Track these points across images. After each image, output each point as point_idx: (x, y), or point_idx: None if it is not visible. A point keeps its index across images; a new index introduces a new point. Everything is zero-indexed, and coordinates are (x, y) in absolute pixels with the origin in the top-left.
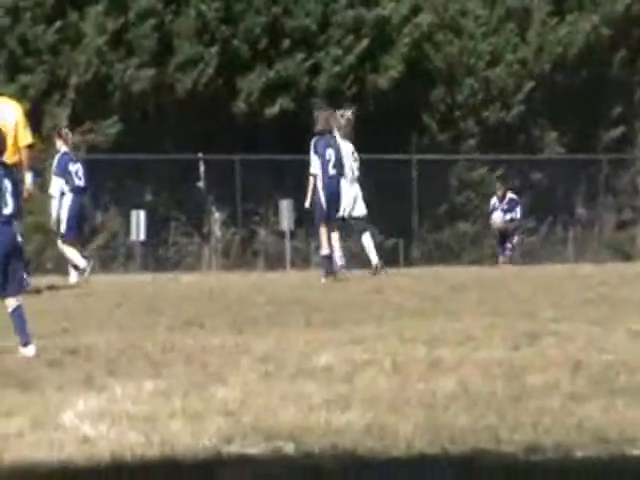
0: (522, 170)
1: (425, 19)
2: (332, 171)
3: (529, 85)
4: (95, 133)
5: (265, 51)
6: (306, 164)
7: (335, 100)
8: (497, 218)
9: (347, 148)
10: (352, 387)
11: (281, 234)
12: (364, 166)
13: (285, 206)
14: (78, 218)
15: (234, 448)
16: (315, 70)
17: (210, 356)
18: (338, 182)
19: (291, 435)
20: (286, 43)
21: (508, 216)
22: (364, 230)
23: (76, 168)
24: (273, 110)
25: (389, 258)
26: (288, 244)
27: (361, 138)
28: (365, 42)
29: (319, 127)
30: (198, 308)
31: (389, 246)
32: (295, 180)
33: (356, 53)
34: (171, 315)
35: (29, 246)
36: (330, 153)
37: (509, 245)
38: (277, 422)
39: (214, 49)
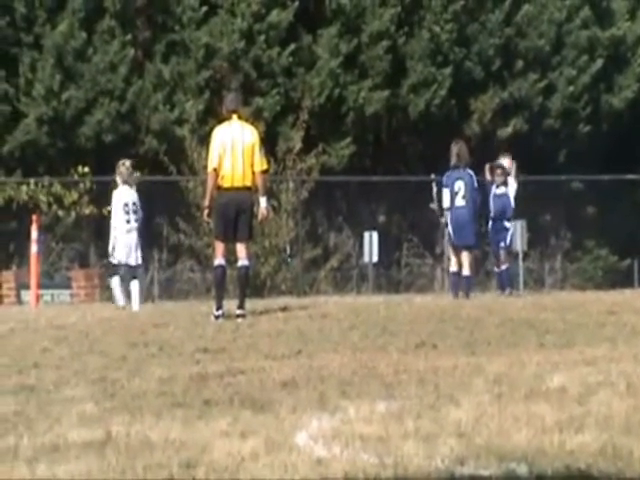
0: None
1: None
2: (460, 202)
3: None
4: (329, 155)
5: (498, 72)
6: (543, 185)
7: (569, 120)
8: None
9: (132, 197)
10: (586, 408)
11: (514, 255)
12: (597, 186)
13: (519, 227)
14: None
15: (467, 470)
16: (549, 91)
17: (443, 377)
18: (467, 212)
19: (524, 456)
20: (519, 64)
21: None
22: (133, 277)
23: None
24: (506, 131)
25: (623, 279)
26: (521, 265)
27: (595, 158)
28: (599, 62)
29: (453, 161)
30: (431, 329)
31: (623, 267)
32: (529, 201)
33: (590, 73)
34: (404, 336)
35: (264, 268)
36: (459, 185)
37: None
38: (510, 443)
39: (447, 70)
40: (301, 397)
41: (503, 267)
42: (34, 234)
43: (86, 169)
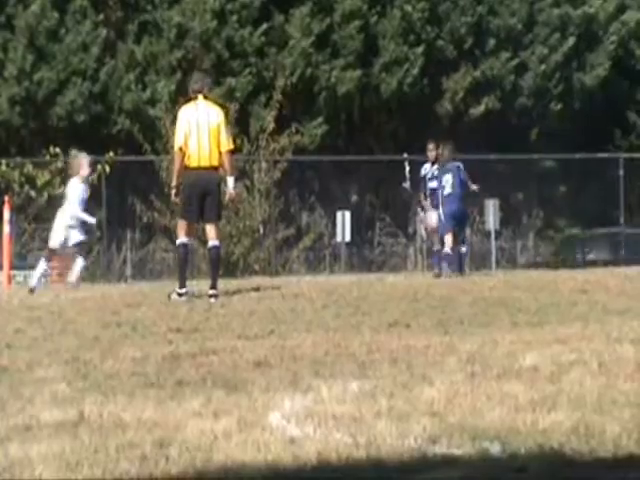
0: None
1: (632, 16)
2: (449, 190)
3: None
4: (301, 135)
5: (470, 51)
6: (515, 164)
7: (541, 98)
8: (431, 219)
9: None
10: (558, 387)
11: (486, 234)
12: (569, 165)
13: (491, 206)
14: None
15: (440, 449)
16: (521, 69)
17: (415, 356)
18: (455, 198)
19: (497, 435)
20: (491, 42)
21: (435, 183)
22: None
23: None
24: (478, 110)
25: None
26: (494, 244)
27: (567, 137)
28: (571, 40)
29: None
30: (403, 308)
31: None
32: (501, 180)
33: (562, 51)
34: (376, 316)
35: (237, 248)
36: (447, 179)
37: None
38: (483, 422)
39: (419, 49)
40: (274, 377)
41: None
42: (6, 215)
43: (58, 149)
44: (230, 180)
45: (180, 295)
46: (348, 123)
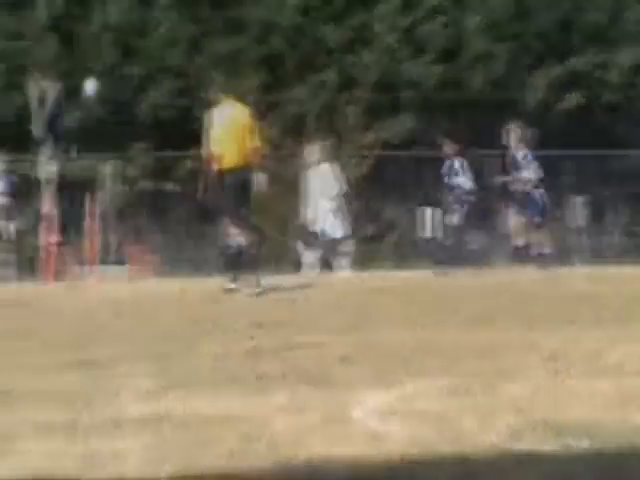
0: None
1: None
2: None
3: None
4: (386, 130)
5: (556, 46)
6: (599, 159)
7: (629, 94)
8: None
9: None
10: None
11: (572, 230)
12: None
13: (579, 202)
14: None
15: (524, 445)
16: (608, 64)
17: (500, 352)
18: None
19: (583, 432)
20: (578, 38)
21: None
22: None
23: None
24: (564, 105)
25: None
26: (579, 240)
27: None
28: None
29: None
30: (487, 304)
31: None
32: (587, 176)
33: None
34: (461, 311)
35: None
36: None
37: None
38: (568, 419)
39: (505, 45)
40: (358, 372)
41: None
42: (93, 209)
43: (144, 145)
44: (261, 176)
45: (258, 291)
46: (432, 119)
